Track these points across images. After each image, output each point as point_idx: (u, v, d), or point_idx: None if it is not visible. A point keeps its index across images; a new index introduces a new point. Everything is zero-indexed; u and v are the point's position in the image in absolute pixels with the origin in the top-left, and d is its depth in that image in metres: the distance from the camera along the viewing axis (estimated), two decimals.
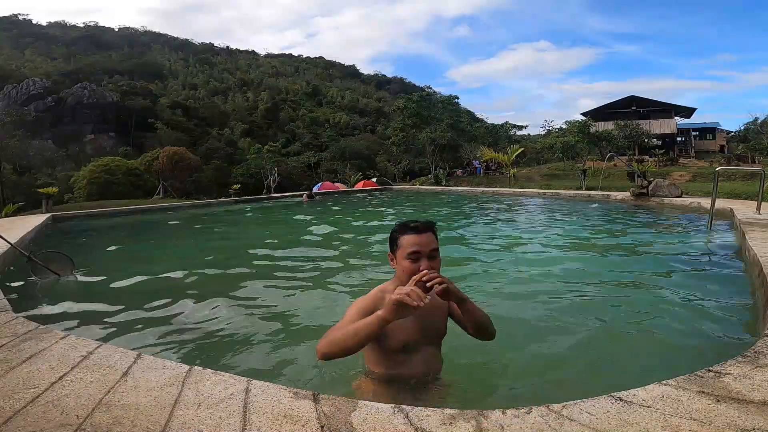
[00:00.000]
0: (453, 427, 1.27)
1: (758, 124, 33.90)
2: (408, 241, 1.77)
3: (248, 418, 1.34)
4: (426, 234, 1.79)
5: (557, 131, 37.10)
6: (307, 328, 2.87)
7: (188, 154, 25.32)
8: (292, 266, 4.71)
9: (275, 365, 2.38)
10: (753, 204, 7.12)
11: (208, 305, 3.38)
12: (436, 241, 1.82)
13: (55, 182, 29.80)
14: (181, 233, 8.89)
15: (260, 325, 2.99)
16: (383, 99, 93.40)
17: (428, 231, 1.81)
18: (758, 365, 1.61)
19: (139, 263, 5.19)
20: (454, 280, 1.76)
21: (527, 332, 2.81)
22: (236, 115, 71.64)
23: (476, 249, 5.74)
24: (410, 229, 1.79)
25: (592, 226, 7.65)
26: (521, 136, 39.45)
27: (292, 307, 3.36)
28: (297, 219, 10.30)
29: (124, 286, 4.07)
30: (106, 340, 2.10)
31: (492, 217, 9.57)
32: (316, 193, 17.59)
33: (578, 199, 12.29)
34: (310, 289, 3.80)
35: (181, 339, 2.77)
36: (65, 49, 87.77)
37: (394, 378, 1.84)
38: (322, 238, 6.79)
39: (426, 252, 1.76)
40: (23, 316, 2.48)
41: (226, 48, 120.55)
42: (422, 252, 1.75)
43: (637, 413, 1.31)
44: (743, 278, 3.70)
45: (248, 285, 4.04)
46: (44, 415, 1.39)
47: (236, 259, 5.24)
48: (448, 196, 15.81)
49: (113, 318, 3.20)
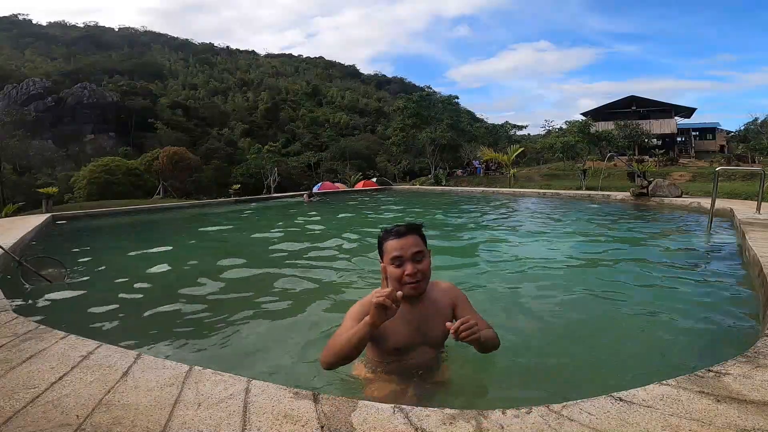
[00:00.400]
0: (453, 427, 1.27)
1: (758, 124, 33.93)
2: (391, 247, 1.80)
3: (248, 418, 1.34)
4: (408, 237, 1.81)
5: (557, 131, 37.13)
6: (308, 329, 2.87)
7: (188, 154, 25.33)
8: (293, 266, 4.71)
9: (275, 365, 2.38)
10: (753, 204, 7.12)
11: (208, 305, 3.39)
12: (421, 243, 1.84)
13: (55, 182, 29.81)
14: (181, 233, 8.89)
15: (260, 325, 2.99)
16: (383, 99, 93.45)
17: (410, 234, 1.83)
18: (758, 365, 1.61)
19: (138, 263, 5.19)
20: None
21: (527, 332, 2.81)
22: (236, 115, 71.67)
23: (476, 249, 5.74)
24: (392, 235, 1.83)
25: (591, 226, 7.65)
26: (521, 136, 39.50)
27: (293, 307, 3.36)
28: (297, 219, 10.30)
29: (124, 285, 4.07)
30: (106, 340, 2.09)
31: (492, 217, 9.56)
32: (317, 193, 17.60)
33: (578, 199, 12.29)
34: (311, 289, 3.80)
35: (181, 339, 2.76)
36: (65, 49, 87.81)
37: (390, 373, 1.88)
38: (322, 238, 6.79)
39: (408, 255, 1.78)
40: (23, 316, 2.48)
41: (226, 48, 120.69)
42: (404, 256, 1.78)
43: (637, 413, 1.31)
44: (743, 278, 3.70)
45: (248, 285, 4.04)
46: (44, 415, 1.39)
47: (236, 259, 5.24)
48: (449, 197, 15.81)
49: (113, 318, 3.20)
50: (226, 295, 3.74)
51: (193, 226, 9.71)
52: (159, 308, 3.40)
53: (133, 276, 4.37)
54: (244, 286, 4.01)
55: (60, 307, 3.55)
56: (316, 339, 2.69)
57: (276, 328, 2.92)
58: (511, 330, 2.86)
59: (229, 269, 4.64)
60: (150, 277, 4.42)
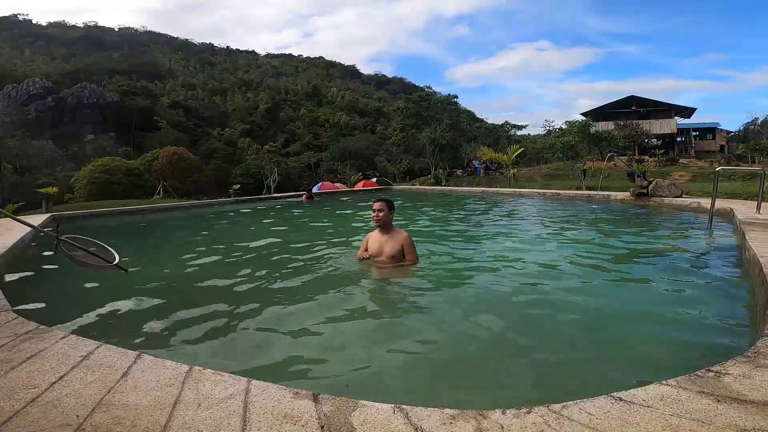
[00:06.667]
0: (453, 427, 1.27)
1: (758, 124, 33.97)
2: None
3: (248, 418, 1.34)
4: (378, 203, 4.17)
5: (557, 131, 37.11)
6: (308, 328, 2.86)
7: (188, 154, 25.33)
8: (293, 266, 4.71)
9: (275, 365, 2.37)
10: (753, 204, 7.12)
11: (208, 305, 3.38)
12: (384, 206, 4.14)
13: (55, 182, 29.79)
14: (180, 233, 8.89)
15: (260, 325, 2.99)
16: (383, 99, 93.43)
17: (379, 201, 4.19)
18: (758, 365, 1.61)
19: (138, 263, 5.19)
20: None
21: (527, 332, 2.81)
22: (236, 115, 71.63)
23: (475, 249, 5.74)
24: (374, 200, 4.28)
25: (592, 226, 7.65)
26: (521, 136, 39.39)
27: (293, 307, 3.35)
28: (297, 219, 10.30)
29: (123, 285, 4.07)
30: (106, 340, 2.09)
31: (491, 217, 9.56)
32: (316, 193, 17.58)
33: (578, 200, 12.29)
34: (310, 289, 3.80)
35: (181, 339, 2.76)
36: (65, 49, 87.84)
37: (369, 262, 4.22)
38: (322, 238, 6.78)
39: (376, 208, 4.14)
40: (23, 316, 2.48)
41: (226, 48, 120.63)
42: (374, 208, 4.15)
43: (637, 413, 1.31)
44: (743, 278, 3.70)
45: (248, 285, 4.04)
46: (44, 415, 1.39)
47: (236, 259, 5.24)
48: (450, 197, 15.81)
49: (113, 318, 3.20)
50: (226, 295, 3.74)
51: (194, 226, 9.71)
52: (159, 308, 3.40)
53: (132, 276, 4.37)
54: (244, 286, 4.01)
55: (60, 307, 3.54)
56: (316, 339, 2.69)
57: (276, 328, 2.92)
58: (511, 330, 2.87)
59: (228, 269, 4.64)
60: (150, 277, 4.41)
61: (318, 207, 12.95)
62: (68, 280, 4.40)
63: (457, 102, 32.10)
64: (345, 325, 2.90)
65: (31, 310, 3.26)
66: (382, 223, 4.13)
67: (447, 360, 2.40)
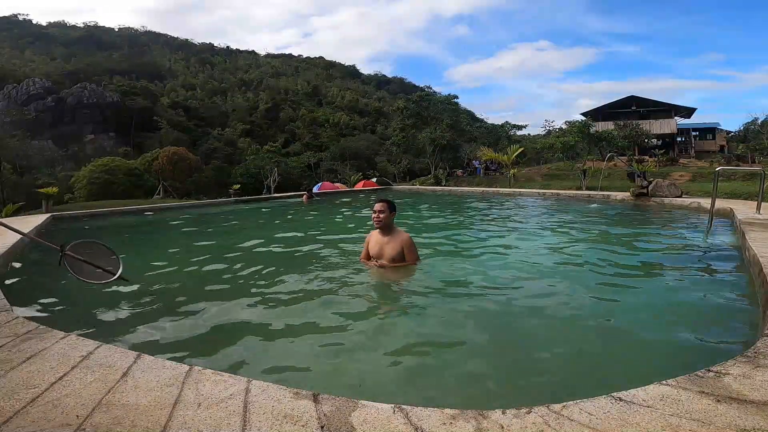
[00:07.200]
0: (453, 427, 1.27)
1: (758, 124, 33.96)
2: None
3: (248, 418, 1.34)
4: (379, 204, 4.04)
5: (557, 131, 37.08)
6: (308, 328, 2.86)
7: (188, 154, 25.35)
8: (293, 266, 4.71)
9: (275, 365, 2.37)
10: (753, 204, 7.12)
11: (208, 305, 3.38)
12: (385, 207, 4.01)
13: (55, 182, 29.79)
14: (180, 233, 8.89)
15: (261, 325, 2.99)
16: (383, 99, 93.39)
17: (380, 202, 4.05)
18: (758, 365, 1.61)
19: (138, 263, 5.18)
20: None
21: (527, 332, 2.82)
22: (236, 115, 71.62)
23: (475, 249, 5.73)
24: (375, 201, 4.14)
25: (591, 226, 7.65)
26: (521, 136, 39.39)
27: (293, 307, 3.35)
28: (297, 219, 10.30)
29: (123, 285, 4.07)
30: (106, 340, 2.09)
31: (492, 217, 9.56)
32: (316, 193, 17.57)
33: (578, 200, 12.29)
34: (310, 289, 3.80)
35: (181, 339, 2.76)
36: (65, 49, 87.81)
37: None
38: (321, 237, 6.79)
39: (376, 209, 4.02)
40: (23, 316, 2.48)
41: (225, 48, 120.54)
42: (375, 209, 4.03)
43: (637, 413, 1.31)
44: (743, 278, 3.70)
45: (248, 285, 4.04)
46: (44, 415, 1.39)
47: (236, 259, 5.24)
48: (450, 197, 15.81)
49: (113, 318, 3.20)
50: (226, 295, 3.74)
51: (193, 226, 9.71)
52: (159, 308, 3.40)
53: (132, 276, 4.36)
54: (244, 286, 4.01)
55: (60, 307, 3.55)
56: (316, 339, 2.69)
57: (276, 328, 2.92)
58: (511, 330, 2.87)
59: (228, 269, 4.64)
60: (149, 277, 4.41)
61: (318, 207, 12.95)
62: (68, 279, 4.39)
63: (457, 102, 32.14)
64: (345, 326, 2.90)
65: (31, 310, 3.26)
66: (382, 224, 4.02)
67: (447, 360, 2.41)
